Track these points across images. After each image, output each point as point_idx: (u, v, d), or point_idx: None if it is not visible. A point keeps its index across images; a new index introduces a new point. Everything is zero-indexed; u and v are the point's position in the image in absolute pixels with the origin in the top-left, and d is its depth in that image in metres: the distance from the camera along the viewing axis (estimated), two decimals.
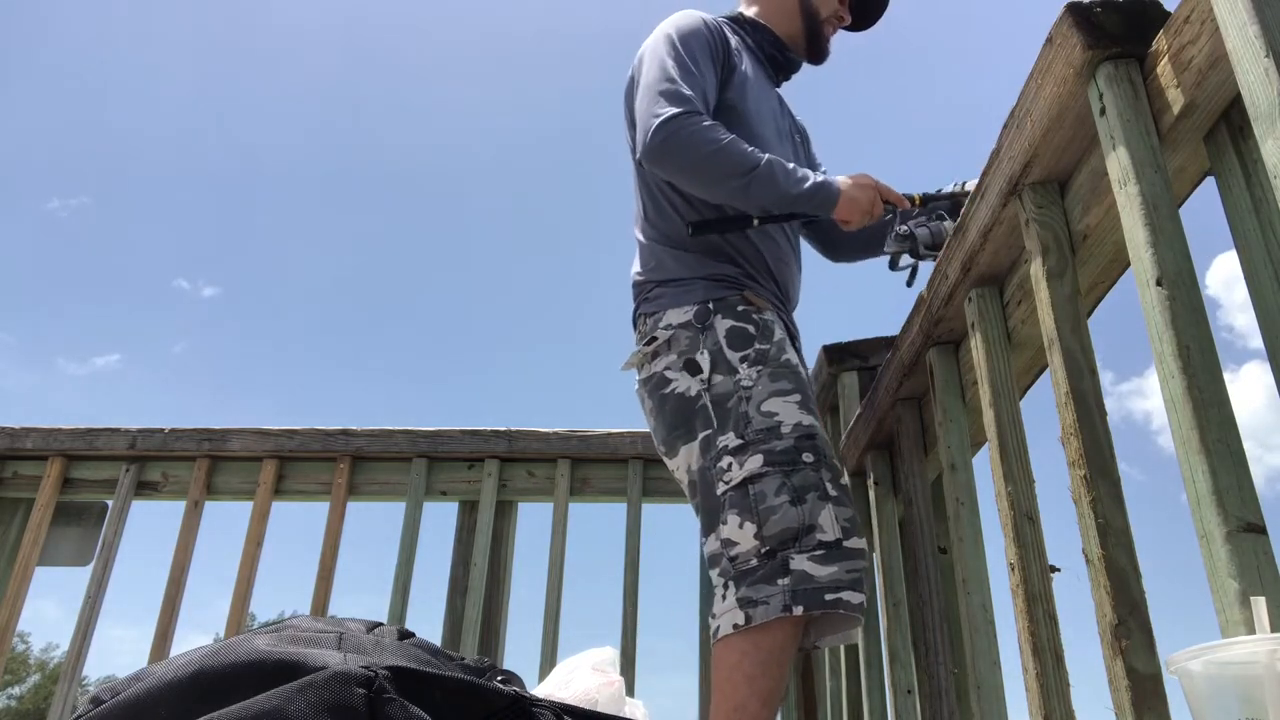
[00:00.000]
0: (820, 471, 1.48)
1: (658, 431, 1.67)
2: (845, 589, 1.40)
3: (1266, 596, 0.74)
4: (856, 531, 1.45)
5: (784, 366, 1.58)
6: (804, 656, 2.28)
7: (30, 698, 23.09)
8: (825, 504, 1.45)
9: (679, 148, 1.59)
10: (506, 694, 0.51)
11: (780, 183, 1.61)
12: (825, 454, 1.51)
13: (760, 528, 1.44)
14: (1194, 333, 0.89)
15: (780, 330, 1.64)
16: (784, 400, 1.54)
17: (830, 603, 1.38)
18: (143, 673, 0.51)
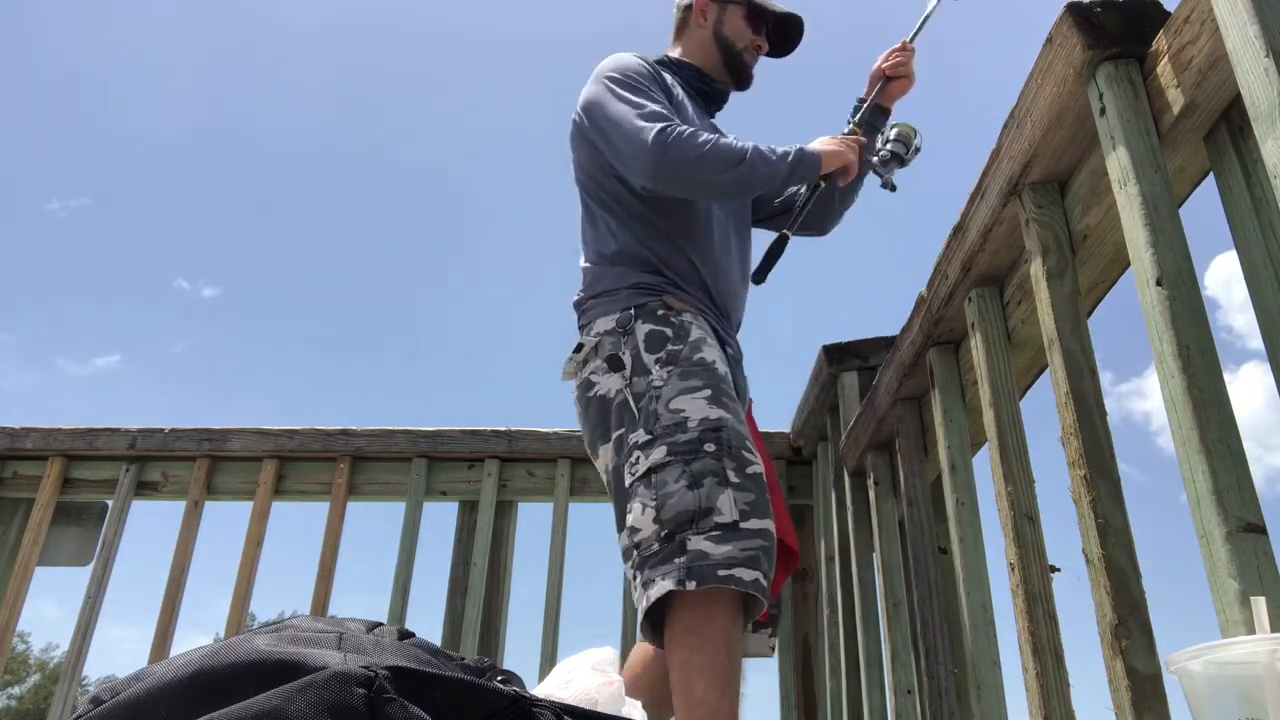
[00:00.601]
0: (722, 460, 1.53)
1: (584, 433, 1.75)
2: (738, 565, 1.43)
3: (1266, 596, 0.74)
4: (759, 514, 1.49)
5: (696, 365, 1.64)
6: (804, 656, 2.29)
7: (30, 698, 23.09)
8: (725, 489, 1.50)
9: (677, 157, 1.67)
10: (506, 694, 0.51)
11: (771, 162, 1.71)
12: (730, 444, 1.55)
13: (659, 512, 1.50)
14: (1194, 333, 0.89)
15: (699, 331, 1.70)
16: (692, 397, 1.59)
17: (723, 578, 1.42)
18: (143, 673, 0.51)
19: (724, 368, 1.67)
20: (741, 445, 1.56)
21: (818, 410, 2.25)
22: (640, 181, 1.75)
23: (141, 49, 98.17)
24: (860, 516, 1.99)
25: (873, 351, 2.08)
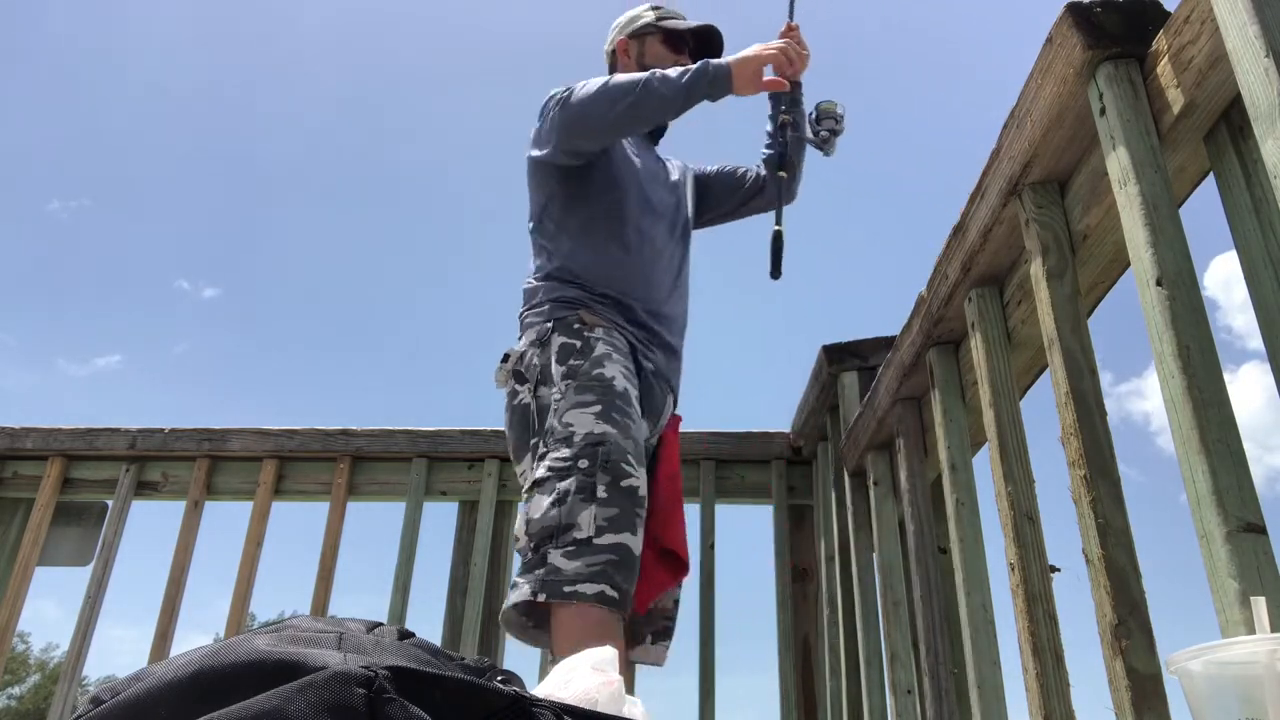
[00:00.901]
0: (595, 475, 1.62)
1: (508, 440, 1.86)
2: (583, 581, 1.53)
3: (1266, 596, 0.74)
4: (617, 529, 1.58)
5: (594, 380, 1.72)
6: (804, 656, 2.29)
7: (30, 698, 23.08)
8: (588, 505, 1.59)
9: (576, 104, 1.83)
10: (506, 694, 0.51)
11: (669, 80, 1.83)
12: (608, 459, 1.63)
13: (528, 525, 1.63)
14: (1194, 333, 0.89)
15: (606, 347, 1.78)
16: (583, 411, 1.69)
17: (568, 594, 1.53)
18: (143, 673, 0.51)
19: (625, 384, 1.74)
20: (621, 459, 1.64)
21: (818, 410, 2.25)
22: (561, 145, 1.88)
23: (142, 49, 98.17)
24: (860, 516, 1.99)
25: (873, 351, 2.07)
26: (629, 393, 1.74)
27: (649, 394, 1.85)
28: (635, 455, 1.67)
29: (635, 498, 1.63)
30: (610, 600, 1.54)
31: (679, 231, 2.06)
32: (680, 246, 2.06)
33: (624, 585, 1.57)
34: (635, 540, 1.60)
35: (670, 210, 2.07)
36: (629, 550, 1.59)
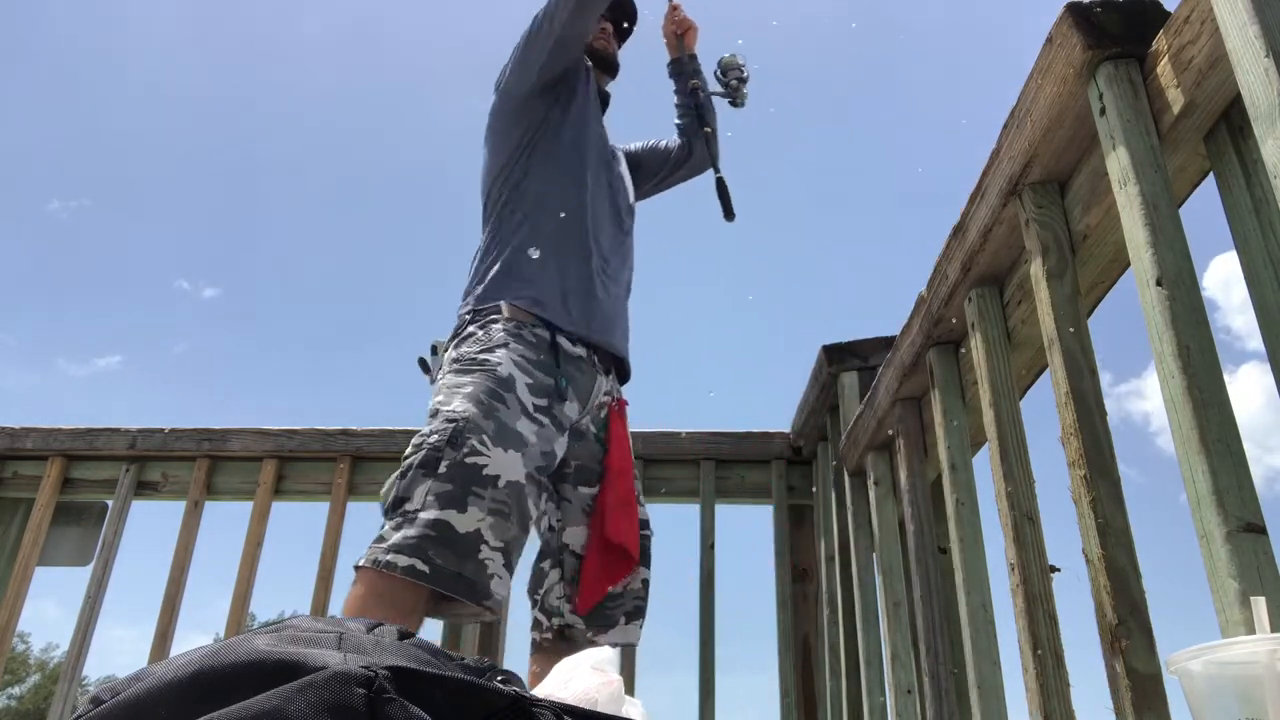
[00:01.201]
0: (443, 451, 1.62)
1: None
2: (394, 552, 1.54)
3: (1266, 596, 0.74)
4: (444, 506, 1.58)
5: (478, 364, 1.75)
6: (804, 656, 2.29)
7: (30, 698, 23.08)
8: (427, 480, 1.60)
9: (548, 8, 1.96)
10: (507, 694, 0.51)
11: None
12: (458, 437, 1.64)
13: (384, 500, 1.65)
14: (1194, 333, 0.89)
15: (507, 336, 1.79)
16: (454, 391, 1.72)
17: (384, 563, 1.53)
18: (143, 673, 0.51)
19: (511, 370, 1.75)
20: (475, 437, 1.64)
21: (818, 410, 2.25)
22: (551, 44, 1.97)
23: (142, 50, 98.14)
24: (860, 516, 1.99)
25: (873, 351, 2.07)
26: (513, 379, 1.74)
27: (576, 378, 1.85)
28: (496, 437, 1.65)
29: (478, 477, 1.61)
30: (419, 574, 1.53)
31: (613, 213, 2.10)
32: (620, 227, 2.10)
33: (439, 561, 1.55)
34: (463, 518, 1.58)
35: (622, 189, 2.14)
36: (450, 527, 1.56)
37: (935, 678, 1.55)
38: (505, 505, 1.63)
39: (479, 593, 1.58)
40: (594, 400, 1.90)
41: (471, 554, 1.57)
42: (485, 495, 1.61)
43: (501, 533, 1.61)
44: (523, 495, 1.66)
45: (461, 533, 1.57)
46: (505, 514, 1.62)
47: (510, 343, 1.78)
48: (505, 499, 1.63)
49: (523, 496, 1.66)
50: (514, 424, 1.69)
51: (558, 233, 1.94)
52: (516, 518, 1.64)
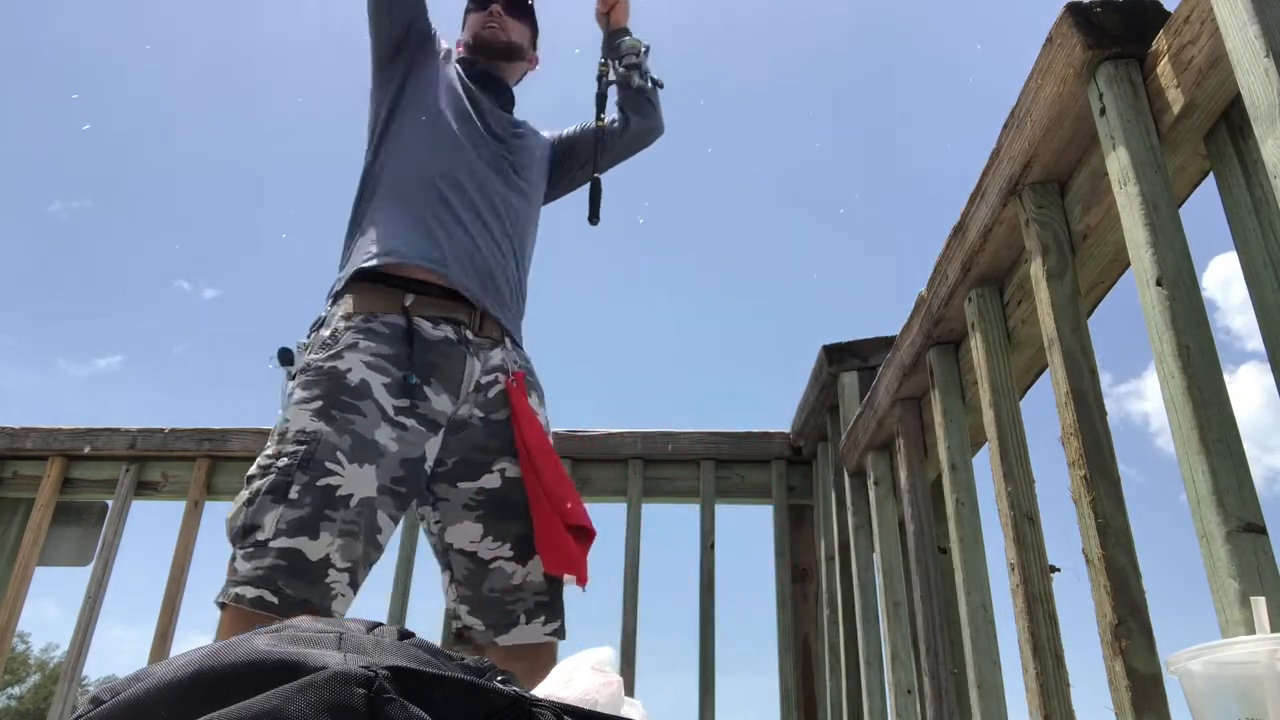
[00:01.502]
0: (292, 475, 1.54)
1: None
2: (243, 584, 1.49)
3: (1266, 596, 0.74)
4: (295, 533, 1.50)
5: (324, 374, 1.63)
6: (804, 656, 2.29)
7: (30, 698, 23.08)
8: (276, 506, 1.52)
9: None
10: (507, 694, 0.51)
11: None
12: (309, 457, 1.55)
13: (229, 524, 1.57)
14: (1194, 333, 0.89)
15: (354, 336, 1.66)
16: (302, 407, 1.61)
17: (234, 596, 1.49)
18: (143, 673, 0.51)
19: (363, 375, 1.62)
20: (327, 458, 1.55)
21: (818, 410, 2.25)
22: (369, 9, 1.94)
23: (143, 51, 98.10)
24: (860, 516, 1.99)
25: (873, 351, 2.08)
26: (367, 384, 1.61)
27: (440, 365, 1.70)
28: (350, 453, 1.56)
29: (331, 499, 1.53)
30: (268, 605, 1.47)
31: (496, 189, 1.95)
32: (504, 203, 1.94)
33: (289, 591, 1.48)
34: (315, 545, 1.51)
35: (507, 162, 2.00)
36: (301, 556, 1.50)
37: (935, 678, 1.55)
38: (355, 525, 1.55)
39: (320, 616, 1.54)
40: (469, 384, 1.74)
41: (320, 579, 1.51)
42: (337, 518, 1.53)
43: (349, 553, 1.54)
44: (374, 512, 1.57)
45: (313, 560, 1.51)
46: (355, 534, 1.55)
47: (359, 341, 1.65)
48: (356, 519, 1.55)
49: (374, 513, 1.57)
50: (371, 434, 1.59)
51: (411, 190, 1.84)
52: (365, 535, 1.57)
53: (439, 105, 1.95)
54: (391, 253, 1.75)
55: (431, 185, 1.83)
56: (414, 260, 1.74)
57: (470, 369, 1.74)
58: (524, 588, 1.72)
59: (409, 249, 1.75)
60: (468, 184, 1.87)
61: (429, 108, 1.94)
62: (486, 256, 1.82)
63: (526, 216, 1.99)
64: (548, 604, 1.74)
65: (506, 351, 1.81)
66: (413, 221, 1.79)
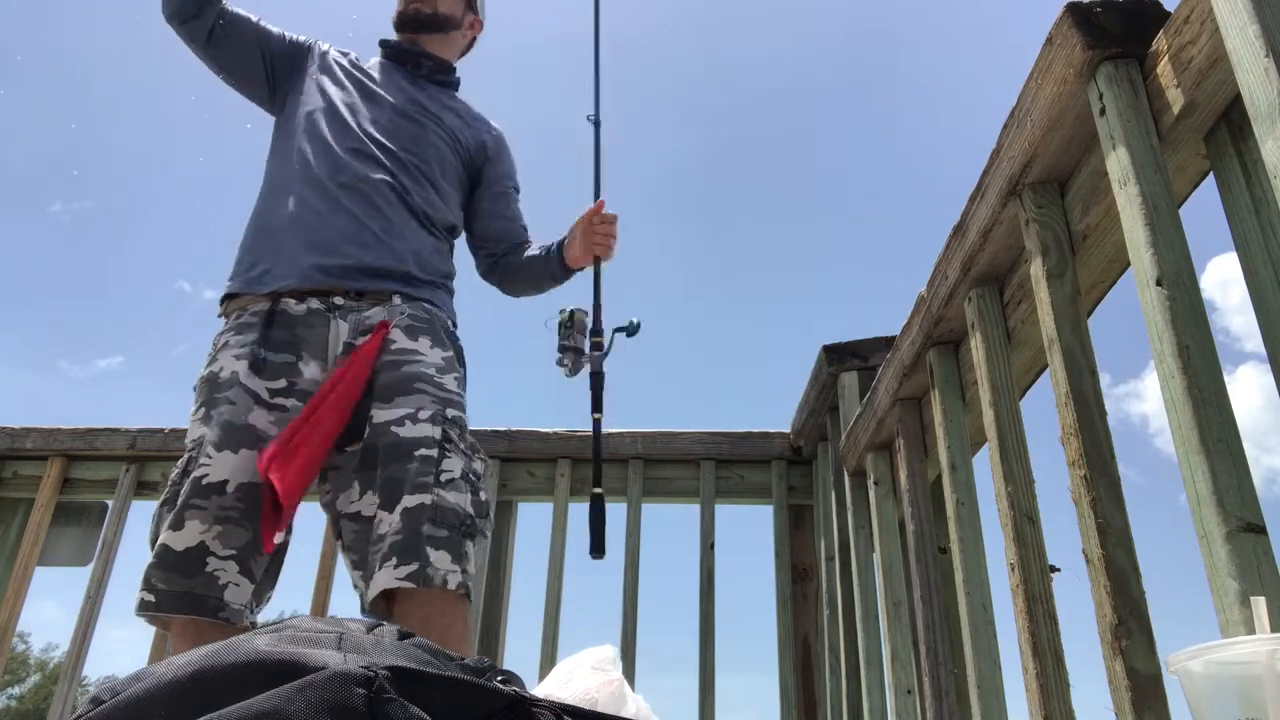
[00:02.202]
0: (180, 483, 1.60)
1: None
2: (140, 589, 1.55)
3: (1266, 596, 0.74)
4: (166, 528, 1.56)
5: (201, 383, 1.72)
6: (804, 656, 2.29)
7: (30, 698, 23.09)
8: (167, 514, 1.59)
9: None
10: (506, 694, 0.51)
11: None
12: (189, 462, 1.62)
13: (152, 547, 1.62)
14: (1194, 333, 0.89)
15: (226, 336, 1.74)
16: (192, 419, 1.69)
17: (136, 602, 1.56)
18: (143, 673, 0.51)
19: (234, 367, 1.68)
20: (200, 454, 1.60)
21: (818, 410, 2.25)
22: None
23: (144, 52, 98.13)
24: (860, 516, 1.99)
25: (873, 351, 2.07)
26: (236, 375, 1.67)
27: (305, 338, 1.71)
28: (221, 442, 1.59)
29: (198, 487, 1.57)
30: (147, 604, 1.53)
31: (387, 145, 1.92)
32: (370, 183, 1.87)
33: (163, 586, 1.52)
34: (180, 535, 1.54)
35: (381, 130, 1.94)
36: (166, 548, 1.54)
37: (935, 678, 1.55)
38: (235, 510, 1.56)
39: (210, 606, 1.52)
40: (335, 348, 1.72)
41: (197, 570, 1.53)
42: (208, 505, 1.56)
43: (231, 539, 1.55)
44: (259, 495, 1.58)
45: (179, 550, 1.53)
46: (236, 519, 1.56)
47: (229, 339, 1.73)
48: (235, 504, 1.57)
49: (259, 497, 1.58)
50: (243, 419, 1.62)
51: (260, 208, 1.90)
52: (251, 521, 1.57)
53: (296, 114, 1.95)
54: (247, 265, 1.84)
55: (273, 196, 1.88)
56: (242, 290, 1.81)
57: (335, 332, 1.73)
58: (384, 536, 1.57)
59: (237, 277, 1.83)
60: (316, 178, 1.85)
61: (286, 123, 1.97)
62: (340, 234, 1.79)
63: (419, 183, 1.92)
64: (399, 544, 1.54)
65: (392, 307, 1.77)
66: (249, 243, 1.86)
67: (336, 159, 1.86)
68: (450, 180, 2.00)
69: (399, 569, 1.52)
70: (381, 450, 1.63)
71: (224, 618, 1.53)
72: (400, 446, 1.62)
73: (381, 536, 1.56)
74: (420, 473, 1.59)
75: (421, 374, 1.71)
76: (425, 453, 1.62)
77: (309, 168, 1.86)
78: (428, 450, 1.63)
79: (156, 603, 1.51)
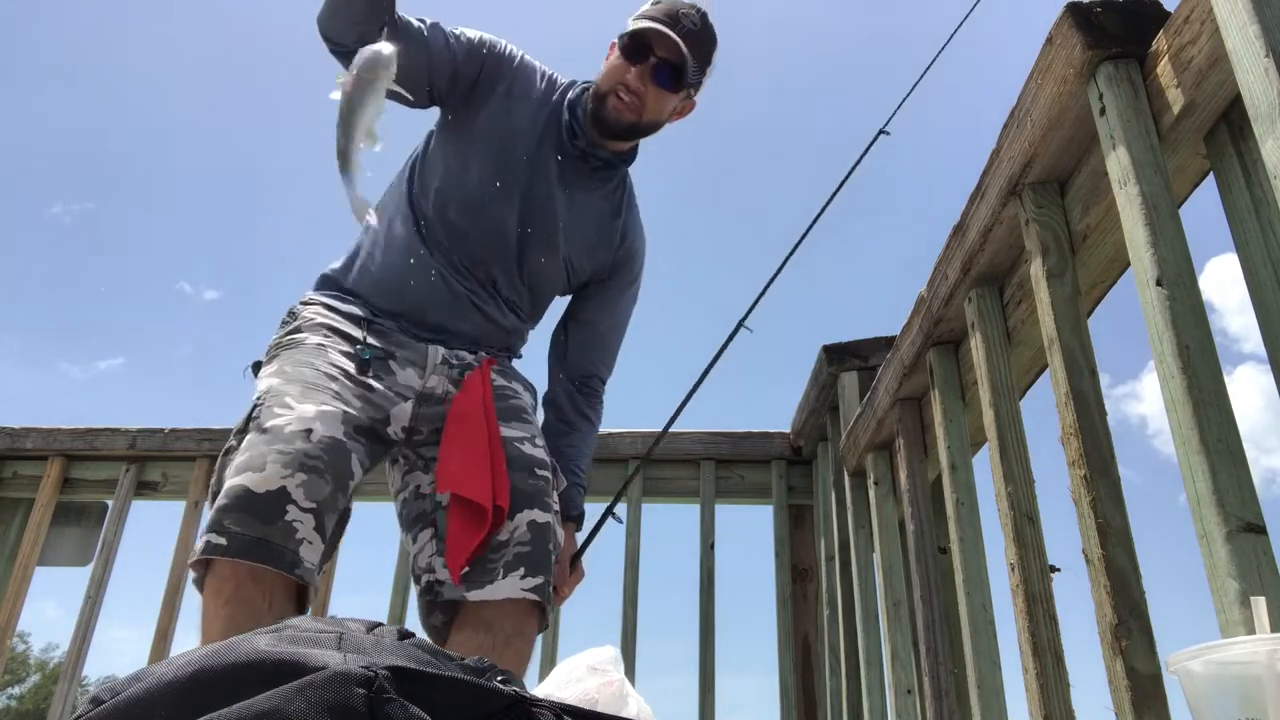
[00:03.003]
0: (247, 426, 1.48)
1: None
2: (207, 533, 1.38)
3: (1266, 596, 0.74)
4: (238, 471, 1.40)
5: (279, 347, 1.63)
6: (804, 656, 2.29)
7: (30, 698, 23.10)
8: (231, 458, 1.46)
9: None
10: (506, 694, 0.51)
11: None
12: (263, 406, 1.49)
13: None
14: (1194, 333, 0.89)
15: (312, 314, 1.67)
16: (265, 375, 1.58)
17: (191, 562, 1.40)
18: (143, 673, 0.51)
19: (320, 340, 1.61)
20: (277, 403, 1.48)
21: (818, 410, 2.25)
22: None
23: (146, 53, 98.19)
24: (860, 516, 1.99)
25: (873, 351, 2.08)
26: (324, 347, 1.59)
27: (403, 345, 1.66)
28: (301, 395, 1.48)
29: (280, 434, 1.42)
30: (216, 548, 1.34)
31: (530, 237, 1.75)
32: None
33: (237, 529, 1.35)
34: (261, 477, 1.38)
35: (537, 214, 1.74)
36: (244, 489, 1.37)
37: (935, 678, 1.55)
38: (320, 462, 1.42)
39: (286, 559, 1.36)
40: (435, 360, 1.68)
41: (276, 515, 1.36)
42: (291, 451, 1.40)
43: (314, 491, 1.40)
44: (346, 453, 1.46)
45: (260, 493, 1.37)
46: (320, 471, 1.41)
47: (317, 319, 1.66)
48: (320, 454, 1.42)
49: (346, 455, 1.46)
50: (327, 383, 1.53)
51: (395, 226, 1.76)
52: (334, 477, 1.43)
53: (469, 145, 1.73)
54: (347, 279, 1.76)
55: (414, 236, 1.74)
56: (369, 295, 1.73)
57: (433, 353, 1.69)
58: (510, 542, 1.55)
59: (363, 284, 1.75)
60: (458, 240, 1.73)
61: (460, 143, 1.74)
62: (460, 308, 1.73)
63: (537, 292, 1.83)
64: (529, 555, 1.55)
65: (482, 355, 1.75)
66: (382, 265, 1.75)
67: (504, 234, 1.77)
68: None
69: (525, 579, 1.53)
70: (509, 458, 1.61)
71: (299, 575, 1.38)
72: (522, 459, 1.63)
73: (504, 543, 1.55)
74: (544, 492, 1.62)
75: (526, 410, 1.75)
76: (545, 475, 1.64)
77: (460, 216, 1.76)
78: (547, 474, 1.64)
79: (228, 546, 1.34)
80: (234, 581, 1.35)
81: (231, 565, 1.35)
